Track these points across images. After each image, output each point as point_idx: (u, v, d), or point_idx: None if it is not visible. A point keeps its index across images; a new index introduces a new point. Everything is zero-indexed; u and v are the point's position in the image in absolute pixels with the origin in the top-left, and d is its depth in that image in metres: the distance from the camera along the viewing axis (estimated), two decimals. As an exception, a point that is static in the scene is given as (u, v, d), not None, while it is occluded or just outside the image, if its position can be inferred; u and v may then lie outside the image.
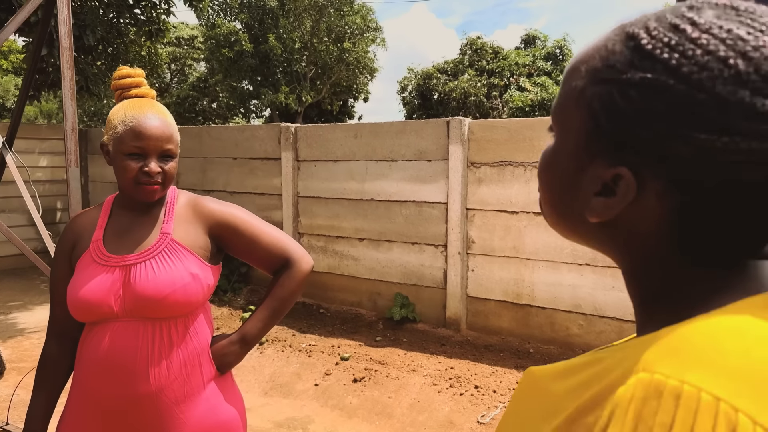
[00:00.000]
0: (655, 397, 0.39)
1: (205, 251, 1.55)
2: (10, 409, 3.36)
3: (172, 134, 1.51)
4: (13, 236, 2.74)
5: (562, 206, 0.57)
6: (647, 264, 0.52)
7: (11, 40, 14.93)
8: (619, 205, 0.50)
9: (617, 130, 0.49)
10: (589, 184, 0.53)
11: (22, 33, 6.76)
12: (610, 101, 0.50)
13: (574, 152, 0.54)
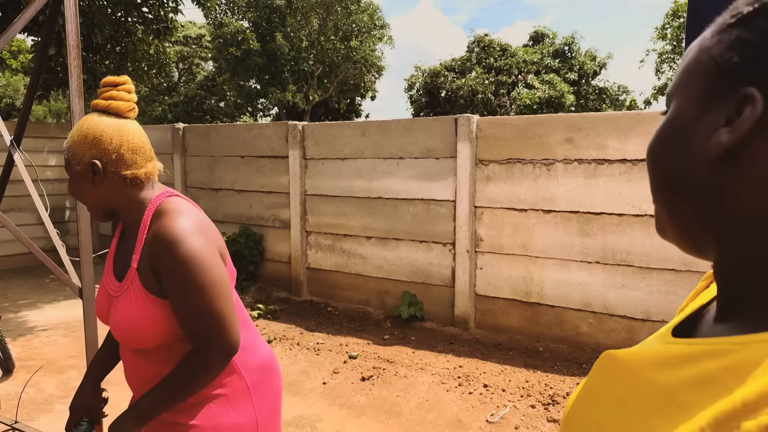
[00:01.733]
0: None
1: (152, 284, 1.44)
2: (19, 407, 3.37)
3: (66, 157, 1.51)
4: (22, 235, 2.73)
5: (678, 171, 0.54)
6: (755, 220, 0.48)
7: (20, 40, 15.01)
8: (746, 123, 0.47)
9: (746, 56, 0.48)
10: (710, 126, 0.50)
11: (30, 32, 6.78)
12: (738, 35, 0.50)
13: (689, 104, 0.53)
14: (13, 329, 5.65)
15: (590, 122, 4.84)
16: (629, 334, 4.71)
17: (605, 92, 20.36)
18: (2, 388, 4.21)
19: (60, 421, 3.75)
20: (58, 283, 7.49)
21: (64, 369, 4.66)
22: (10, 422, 3.09)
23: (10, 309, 6.35)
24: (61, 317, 6.09)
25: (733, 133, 0.48)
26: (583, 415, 0.54)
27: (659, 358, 0.49)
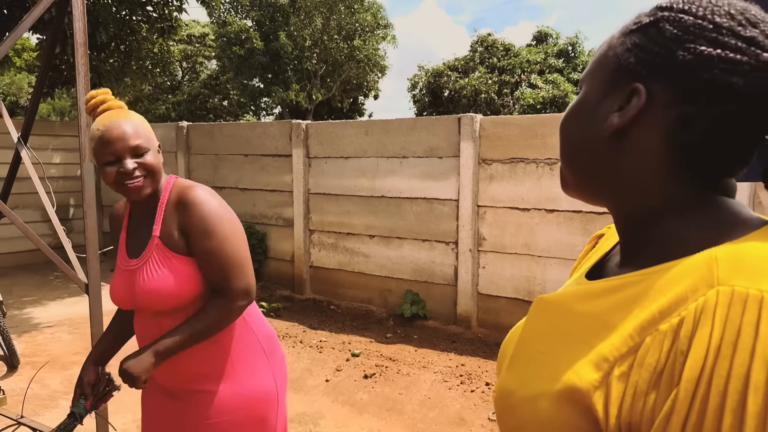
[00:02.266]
0: (740, 303, 0.49)
1: (181, 247, 1.62)
2: (25, 402, 3.40)
3: (138, 131, 1.59)
4: (29, 232, 2.76)
5: (578, 143, 0.69)
6: (652, 179, 0.62)
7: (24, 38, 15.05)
8: (632, 111, 0.61)
9: (638, 56, 0.62)
10: (607, 109, 0.64)
11: (36, 30, 6.82)
12: (635, 40, 0.63)
13: (595, 90, 0.67)
14: (18, 326, 5.69)
15: (593, 122, 4.84)
16: (631, 333, 4.72)
17: (608, 92, 20.33)
18: (7, 384, 4.24)
19: (65, 417, 3.78)
20: (63, 280, 7.52)
21: (69, 365, 4.69)
22: (16, 417, 3.11)
23: (15, 306, 6.38)
24: (66, 314, 6.12)
25: (622, 118, 0.62)
26: (526, 348, 0.65)
27: (584, 294, 0.61)
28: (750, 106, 0.57)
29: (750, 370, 0.47)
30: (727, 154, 0.60)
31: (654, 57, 0.61)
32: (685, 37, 0.59)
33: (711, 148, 0.59)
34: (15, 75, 19.60)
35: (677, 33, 0.60)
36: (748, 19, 0.59)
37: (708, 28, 0.59)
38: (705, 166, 0.60)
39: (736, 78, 0.56)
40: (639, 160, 0.62)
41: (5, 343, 4.59)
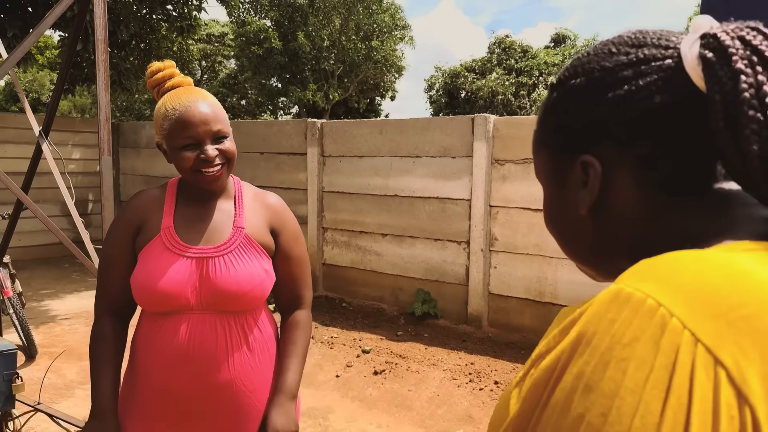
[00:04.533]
0: (614, 300, 0.47)
1: (270, 246, 1.56)
2: (42, 390, 3.48)
3: (219, 114, 1.47)
4: (51, 225, 2.83)
5: (568, 234, 0.69)
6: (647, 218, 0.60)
7: (47, 36, 15.30)
8: (595, 183, 0.61)
9: (566, 136, 0.64)
10: (573, 192, 0.64)
11: (58, 27, 6.95)
12: (554, 123, 0.66)
13: (550, 183, 0.68)
14: (36, 317, 5.81)
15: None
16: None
17: (627, 95, 20.22)
18: (26, 373, 4.34)
19: (80, 405, 3.86)
20: (80, 273, 7.65)
21: (84, 356, 4.79)
22: (34, 404, 3.19)
23: (33, 298, 6.51)
24: (82, 306, 6.23)
25: (591, 193, 0.62)
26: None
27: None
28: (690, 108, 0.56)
29: (584, 369, 0.45)
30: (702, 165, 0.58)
31: (575, 129, 0.63)
32: (589, 97, 0.61)
33: (683, 169, 0.58)
34: (37, 72, 19.91)
35: (580, 97, 0.62)
36: (631, 44, 0.60)
37: (602, 77, 0.60)
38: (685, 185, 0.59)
39: (657, 96, 0.57)
40: (625, 215, 0.61)
41: (24, 333, 4.70)
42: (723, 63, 0.52)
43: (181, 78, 1.55)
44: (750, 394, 0.40)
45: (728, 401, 0.40)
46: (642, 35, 0.61)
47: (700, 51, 0.54)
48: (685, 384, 0.41)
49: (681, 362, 0.41)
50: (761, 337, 0.42)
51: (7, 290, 4.60)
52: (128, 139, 9.20)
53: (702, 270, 0.47)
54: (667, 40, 0.59)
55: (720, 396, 0.40)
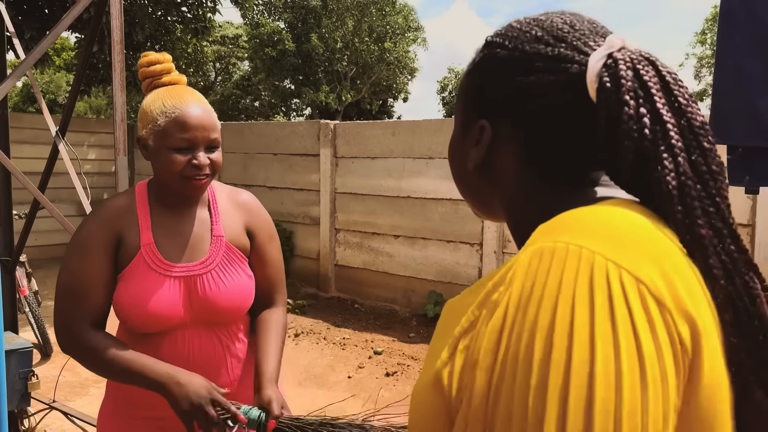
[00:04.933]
0: (538, 256, 0.53)
1: (247, 248, 1.52)
2: (57, 388, 3.51)
3: (215, 122, 1.41)
4: (67, 224, 2.86)
5: (458, 177, 0.78)
6: (519, 192, 0.70)
7: (64, 38, 15.46)
8: (484, 146, 0.70)
9: (477, 96, 0.71)
10: (469, 145, 0.73)
11: (75, 29, 7.03)
12: (472, 80, 0.73)
13: (458, 130, 0.76)
14: (50, 316, 5.85)
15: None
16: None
17: (641, 97, 20.09)
18: (41, 371, 4.38)
19: (95, 404, 3.89)
20: (95, 273, 7.72)
21: (99, 355, 4.82)
22: (49, 401, 3.23)
23: (49, 297, 6.57)
24: (97, 306, 6.28)
25: (478, 153, 0.71)
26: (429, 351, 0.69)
27: (466, 292, 0.66)
28: (576, 114, 0.63)
29: (537, 318, 0.50)
30: (573, 157, 0.66)
31: (485, 95, 0.70)
32: (504, 72, 0.67)
33: (557, 157, 0.66)
34: (54, 74, 20.13)
35: (497, 69, 0.68)
36: (555, 35, 0.65)
37: (520, 59, 0.66)
38: (558, 170, 0.67)
39: (553, 98, 0.64)
40: (505, 180, 0.70)
41: (40, 331, 4.75)
42: (614, 90, 0.60)
43: (178, 75, 1.50)
44: (666, 301, 0.51)
45: (653, 309, 0.50)
46: (569, 27, 0.66)
47: (601, 71, 0.61)
48: (622, 303, 0.49)
49: (613, 287, 0.50)
50: (658, 257, 0.53)
51: (23, 289, 4.66)
52: (143, 139, 9.28)
53: (602, 218, 0.57)
54: (585, 44, 0.64)
55: (648, 307, 0.50)
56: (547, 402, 0.48)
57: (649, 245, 0.54)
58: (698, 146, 0.60)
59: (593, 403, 0.47)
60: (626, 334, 0.48)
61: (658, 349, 0.49)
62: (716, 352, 0.54)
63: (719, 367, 0.54)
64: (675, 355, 0.50)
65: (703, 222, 0.58)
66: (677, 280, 0.53)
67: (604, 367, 0.47)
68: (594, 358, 0.48)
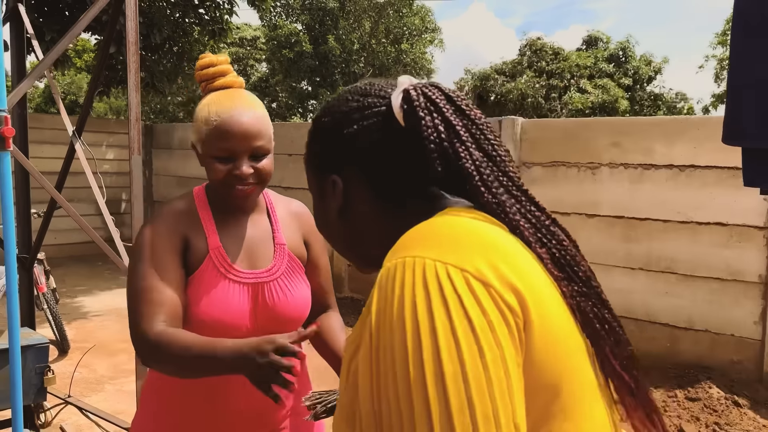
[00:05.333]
0: (385, 275, 0.64)
1: (305, 258, 1.51)
2: (73, 384, 3.57)
3: (262, 129, 1.35)
4: (83, 223, 2.90)
5: (332, 235, 0.89)
6: (380, 226, 0.82)
7: (85, 40, 15.66)
8: (338, 195, 0.83)
9: (319, 160, 0.87)
10: (329, 201, 0.85)
11: (94, 31, 7.12)
12: (313, 149, 0.88)
13: (315, 194, 0.89)
14: (69, 313, 5.94)
15: (637, 126, 4.78)
16: (671, 342, 4.63)
17: (660, 98, 19.87)
18: (58, 367, 4.44)
19: (110, 400, 3.94)
20: (112, 271, 7.81)
21: (115, 352, 4.88)
22: (64, 396, 3.28)
23: (67, 294, 6.67)
24: (114, 304, 6.36)
25: (336, 200, 0.83)
26: None
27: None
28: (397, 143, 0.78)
29: (392, 325, 0.60)
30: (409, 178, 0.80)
31: (326, 157, 0.85)
32: (334, 133, 0.83)
33: (396, 181, 0.80)
34: (75, 75, 20.40)
35: (328, 133, 0.84)
36: (361, 93, 0.83)
37: (341, 119, 0.82)
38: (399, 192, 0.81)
39: (375, 134, 0.79)
40: (363, 216, 0.83)
41: (57, 328, 4.82)
42: (411, 111, 0.76)
43: (233, 78, 1.42)
44: (490, 281, 0.61)
45: (479, 289, 0.61)
46: (369, 87, 0.83)
47: (401, 102, 0.77)
48: (451, 291, 0.60)
49: (442, 280, 0.60)
50: (481, 248, 0.64)
51: (41, 286, 4.73)
52: (161, 140, 9.37)
53: (432, 228, 0.69)
54: (386, 92, 0.81)
55: (474, 288, 0.60)
56: (412, 389, 0.57)
57: (472, 241, 0.66)
58: (485, 138, 0.77)
59: (444, 378, 0.56)
60: (458, 314, 0.59)
61: (489, 321, 0.59)
62: (548, 309, 0.65)
63: (554, 319, 0.65)
64: (506, 322, 0.60)
65: (501, 191, 0.74)
66: (500, 262, 0.64)
67: (446, 346, 0.57)
68: (437, 342, 0.57)
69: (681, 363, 4.53)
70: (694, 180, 4.50)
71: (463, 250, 0.64)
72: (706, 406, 3.82)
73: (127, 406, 3.61)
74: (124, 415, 3.21)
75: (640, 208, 4.73)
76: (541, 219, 0.75)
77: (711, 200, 4.43)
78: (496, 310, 0.60)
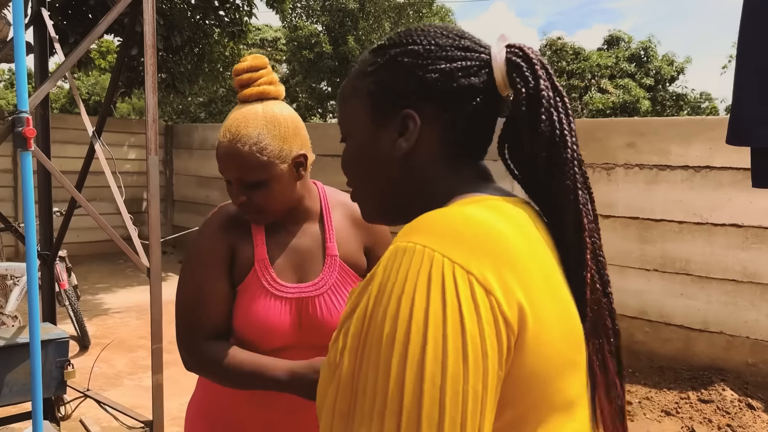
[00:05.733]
0: (393, 254, 0.63)
1: (362, 267, 1.41)
2: (92, 379, 3.66)
3: (255, 160, 1.23)
4: (103, 223, 2.98)
5: (374, 175, 0.81)
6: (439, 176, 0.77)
7: (109, 41, 15.91)
8: (415, 132, 0.75)
9: (388, 92, 0.77)
10: (388, 140, 0.78)
11: (116, 33, 7.26)
12: (381, 77, 0.77)
13: (367, 129, 0.80)
14: (90, 310, 6.07)
15: (653, 127, 4.76)
16: (686, 344, 4.61)
17: (683, 98, 19.64)
18: (78, 362, 4.55)
19: (128, 395, 4.03)
20: (133, 269, 7.95)
21: (134, 348, 4.98)
22: (83, 390, 3.36)
23: (88, 291, 6.81)
24: (134, 301, 6.48)
25: (408, 141, 0.76)
26: None
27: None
28: (487, 96, 0.74)
29: (387, 308, 0.60)
30: (483, 138, 0.78)
31: (407, 84, 0.75)
32: (424, 62, 0.74)
33: (473, 137, 0.77)
34: (99, 76, 20.72)
35: (416, 61, 0.75)
36: (456, 34, 0.76)
37: (436, 50, 0.74)
38: (470, 150, 0.78)
39: (473, 78, 0.73)
40: (428, 166, 0.77)
41: (78, 324, 4.94)
42: (529, 67, 0.72)
43: (263, 88, 1.29)
44: (493, 289, 0.60)
45: (481, 296, 0.59)
46: (460, 30, 0.77)
47: (508, 56, 0.73)
48: (452, 292, 0.58)
49: (446, 279, 0.59)
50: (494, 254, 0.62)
51: (63, 283, 4.84)
52: (181, 140, 9.51)
53: (452, 219, 0.65)
54: (479, 42, 0.76)
55: (476, 294, 0.59)
56: (390, 378, 0.57)
57: (488, 244, 0.63)
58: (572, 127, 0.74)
59: (423, 376, 0.56)
60: (453, 318, 0.58)
61: (481, 329, 0.58)
62: (546, 326, 0.63)
63: (549, 338, 0.63)
64: (498, 334, 0.59)
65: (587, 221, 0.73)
66: (509, 272, 0.62)
67: (433, 346, 0.57)
68: (426, 340, 0.57)
69: (695, 365, 4.50)
70: (709, 181, 4.48)
71: (476, 251, 0.62)
72: (718, 408, 3.80)
73: (145, 401, 3.69)
74: (142, 409, 3.29)
75: (656, 209, 4.71)
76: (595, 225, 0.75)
77: (727, 201, 4.40)
78: (492, 320, 0.59)
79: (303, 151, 1.30)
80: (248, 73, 1.30)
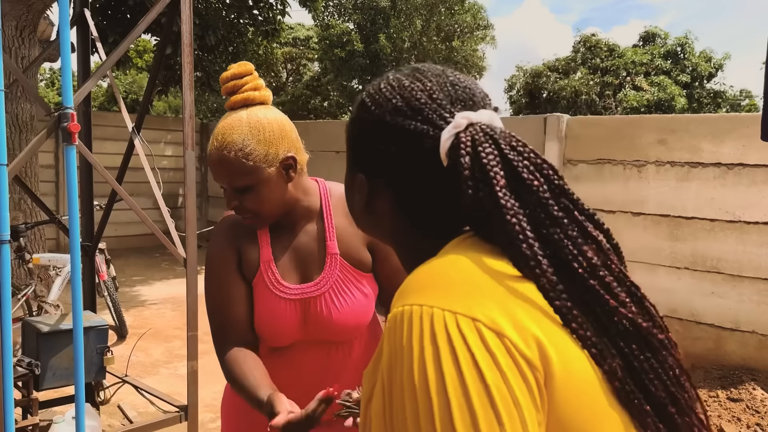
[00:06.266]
0: (393, 322, 0.61)
1: (366, 263, 1.42)
2: (130, 367, 3.79)
3: (239, 166, 1.27)
4: (144, 216, 3.10)
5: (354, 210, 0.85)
6: (399, 239, 0.79)
7: (146, 40, 16.25)
8: (364, 195, 0.78)
9: (356, 150, 0.80)
10: (354, 190, 0.81)
11: (153, 33, 7.44)
12: (349, 135, 0.81)
13: (347, 172, 0.84)
14: (127, 301, 6.27)
15: (685, 124, 4.72)
16: (716, 343, 4.56)
17: (721, 95, 19.20)
18: (117, 351, 4.68)
19: (164, 382, 4.17)
20: (169, 262, 8.16)
21: (170, 338, 5.14)
22: (121, 375, 3.50)
23: (126, 283, 7.02)
24: (170, 293, 6.66)
25: (360, 200, 0.80)
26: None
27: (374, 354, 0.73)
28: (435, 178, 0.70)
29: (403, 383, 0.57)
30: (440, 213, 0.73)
31: (361, 151, 0.79)
32: (371, 139, 0.76)
33: (425, 212, 0.74)
34: (136, 75, 21.16)
35: (367, 133, 0.77)
36: (413, 107, 0.71)
37: (382, 129, 0.73)
38: (427, 223, 0.75)
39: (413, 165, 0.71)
40: (387, 221, 0.78)
41: (116, 314, 5.11)
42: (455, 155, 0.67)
43: (247, 94, 1.34)
44: (504, 331, 0.56)
45: (493, 342, 0.56)
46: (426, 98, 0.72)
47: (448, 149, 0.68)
48: (461, 343, 0.55)
49: (451, 331, 0.56)
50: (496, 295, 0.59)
51: (102, 274, 5.02)
52: (215, 137, 9.69)
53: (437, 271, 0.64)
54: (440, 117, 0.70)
55: (487, 340, 0.55)
56: None
57: (486, 284, 0.60)
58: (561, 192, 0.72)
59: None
60: (471, 373, 0.54)
61: (503, 375, 0.54)
62: (573, 356, 0.59)
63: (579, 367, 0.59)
64: (523, 376, 0.55)
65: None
66: (518, 308, 0.58)
67: (459, 411, 0.53)
68: (450, 406, 0.54)
69: (726, 364, 4.45)
70: (742, 178, 4.42)
71: (475, 295, 0.59)
72: (748, 407, 3.77)
73: (180, 388, 3.80)
74: (177, 396, 3.40)
75: (687, 206, 4.67)
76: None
77: (760, 199, 4.34)
78: (512, 364, 0.55)
79: (291, 153, 1.32)
80: (233, 80, 1.35)
